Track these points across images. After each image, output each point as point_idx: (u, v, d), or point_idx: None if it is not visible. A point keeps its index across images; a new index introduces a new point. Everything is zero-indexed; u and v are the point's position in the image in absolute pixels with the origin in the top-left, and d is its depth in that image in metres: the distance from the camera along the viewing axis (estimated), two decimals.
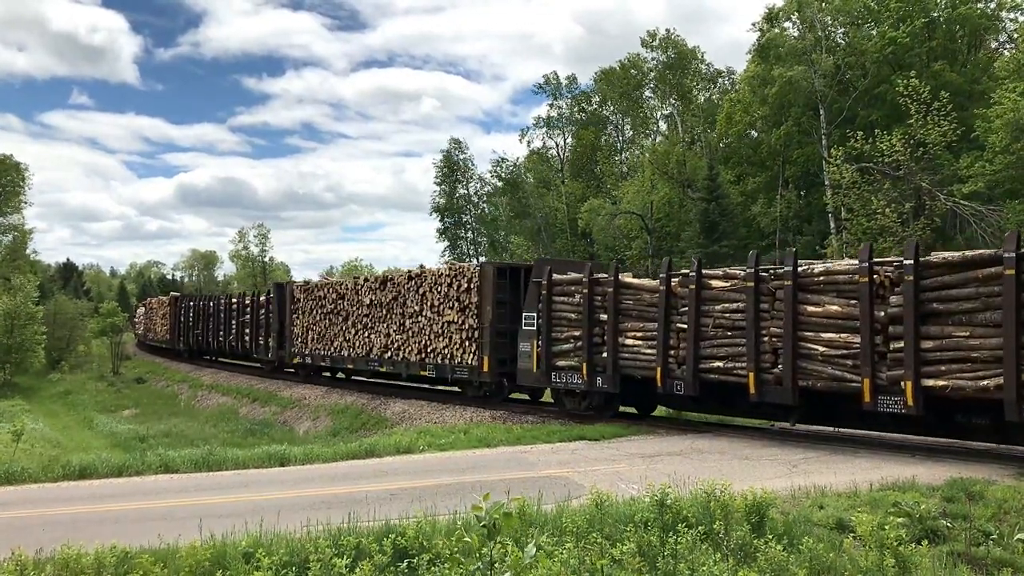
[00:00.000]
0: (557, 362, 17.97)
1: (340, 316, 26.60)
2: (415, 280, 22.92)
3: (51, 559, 6.80)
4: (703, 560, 6.52)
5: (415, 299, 22.72)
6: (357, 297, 25.64)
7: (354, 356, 25.82)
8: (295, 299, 29.46)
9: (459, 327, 20.85)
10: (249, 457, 13.44)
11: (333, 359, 27.25)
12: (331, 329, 27.05)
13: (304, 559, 6.72)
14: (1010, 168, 29.80)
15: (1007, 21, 39.87)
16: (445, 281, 21.55)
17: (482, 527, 3.46)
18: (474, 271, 20.68)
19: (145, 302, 63.23)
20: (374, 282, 24.97)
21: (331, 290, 27.25)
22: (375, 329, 24.62)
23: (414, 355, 22.73)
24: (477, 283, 20.40)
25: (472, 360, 20.56)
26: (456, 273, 21.31)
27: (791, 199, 42.91)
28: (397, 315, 23.54)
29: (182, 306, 46.91)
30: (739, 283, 14.78)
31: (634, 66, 57.26)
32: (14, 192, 58.00)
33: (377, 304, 24.54)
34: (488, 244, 71.61)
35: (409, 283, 23.10)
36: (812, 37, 40.72)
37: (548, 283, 18.19)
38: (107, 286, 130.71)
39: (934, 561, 7.00)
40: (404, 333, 23.17)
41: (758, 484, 8.88)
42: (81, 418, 34.17)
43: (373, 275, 24.61)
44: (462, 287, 20.87)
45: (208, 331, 41.59)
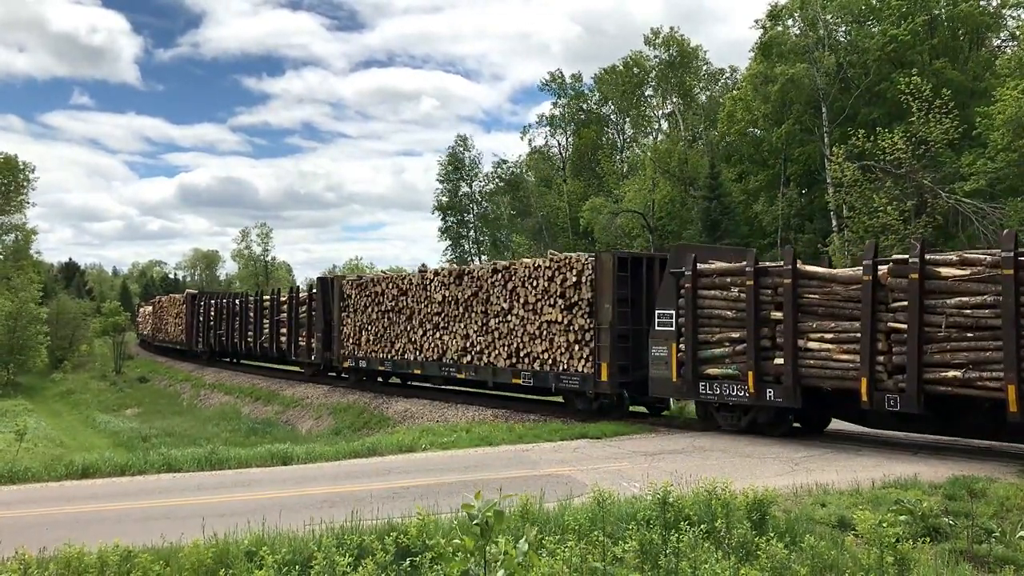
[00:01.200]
0: (706, 370, 15.20)
1: (403, 315, 23.50)
2: (502, 273, 19.96)
3: (54, 558, 6.81)
4: (705, 558, 6.52)
5: (502, 295, 19.83)
6: (425, 293, 22.56)
7: (423, 360, 22.62)
8: (345, 296, 26.27)
9: (564, 328, 18.08)
10: (252, 456, 13.46)
11: (395, 363, 23.87)
12: (392, 329, 23.96)
13: (307, 558, 6.73)
14: (1012, 166, 29.80)
15: (1009, 19, 39.88)
16: (543, 274, 18.71)
17: (475, 526, 3.44)
18: (586, 262, 17.77)
19: (154, 300, 59.61)
20: (447, 276, 21.86)
21: (391, 285, 24.17)
22: (449, 329, 21.54)
23: (503, 360, 19.73)
24: (591, 276, 17.48)
25: (584, 367, 17.59)
26: (560, 265, 18.33)
27: (793, 197, 42.88)
28: (479, 313, 20.59)
29: (201, 304, 43.12)
30: (984, 270, 11.94)
31: (636, 64, 57.26)
32: (17, 192, 58.01)
33: (452, 301, 21.47)
34: (490, 243, 71.62)
35: (494, 277, 20.15)
36: (814, 35, 40.69)
37: (693, 275, 15.46)
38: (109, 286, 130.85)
39: (936, 559, 7.01)
40: (488, 334, 20.24)
41: (760, 482, 8.88)
42: (83, 417, 34.25)
43: (447, 268, 21.79)
44: (568, 281, 18.01)
45: (233, 331, 37.99)
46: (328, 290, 27.69)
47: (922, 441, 14.06)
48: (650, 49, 55.47)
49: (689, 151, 51.63)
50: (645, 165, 53.93)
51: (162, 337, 52.66)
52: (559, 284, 18.29)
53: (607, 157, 60.92)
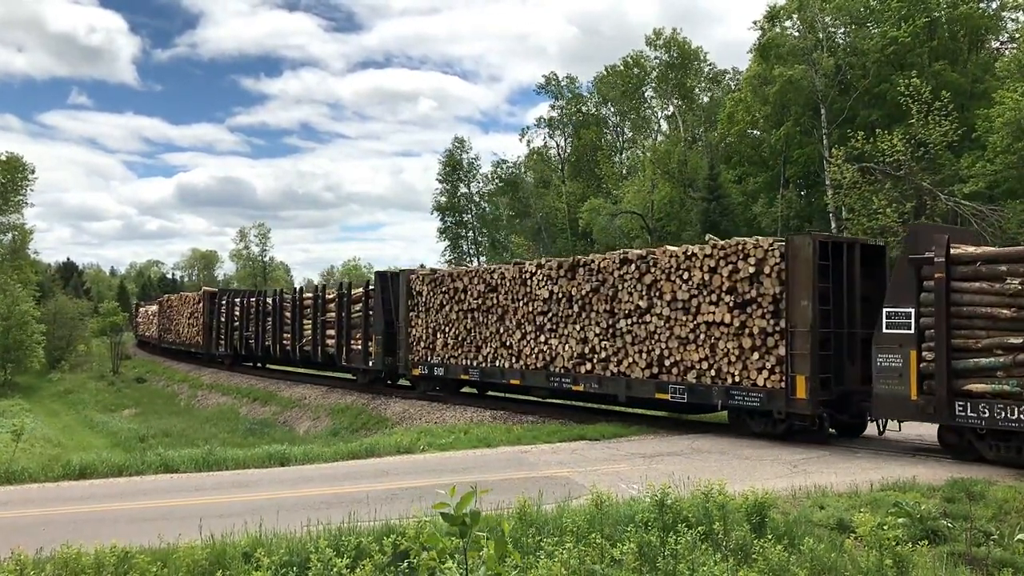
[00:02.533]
0: (966, 385, 12.10)
1: (492, 314, 20.26)
2: (636, 264, 16.68)
3: (51, 559, 6.79)
4: (703, 560, 6.51)
5: (636, 291, 16.59)
6: (525, 289, 19.31)
7: (521, 368, 19.37)
8: (414, 293, 23.10)
9: (734, 332, 14.78)
10: (249, 457, 13.45)
11: (483, 371, 20.63)
12: (478, 331, 20.72)
13: (304, 559, 6.72)
14: (1011, 168, 29.80)
15: (1008, 21, 39.92)
16: (701, 265, 15.40)
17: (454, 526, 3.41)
18: (769, 249, 14.34)
19: (161, 299, 54.61)
20: (556, 268, 18.51)
21: (476, 280, 20.96)
22: (560, 332, 18.32)
23: (639, 370, 16.48)
24: (777, 266, 14.15)
25: (767, 380, 14.25)
26: (728, 253, 14.95)
27: (792, 199, 42.88)
28: (602, 313, 17.32)
29: (223, 303, 39.01)
30: None
31: (636, 64, 57.30)
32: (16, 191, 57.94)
33: (563, 298, 18.30)
34: (489, 244, 71.63)
35: (624, 268, 16.92)
36: (813, 37, 40.70)
37: (946, 262, 12.31)
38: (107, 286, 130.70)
39: (935, 561, 7.00)
40: (617, 338, 16.98)
41: (759, 484, 8.87)
42: (81, 418, 34.21)
43: (555, 260, 18.77)
44: (741, 273, 14.67)
45: (264, 333, 34.05)
46: (389, 286, 24.50)
47: (920, 444, 14.05)
48: (651, 50, 55.53)
49: (689, 152, 51.64)
50: (644, 166, 53.95)
51: (172, 339, 49.01)
52: (725, 277, 14.92)
53: (606, 158, 60.95)
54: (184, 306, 46.28)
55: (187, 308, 45.36)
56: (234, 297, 38.57)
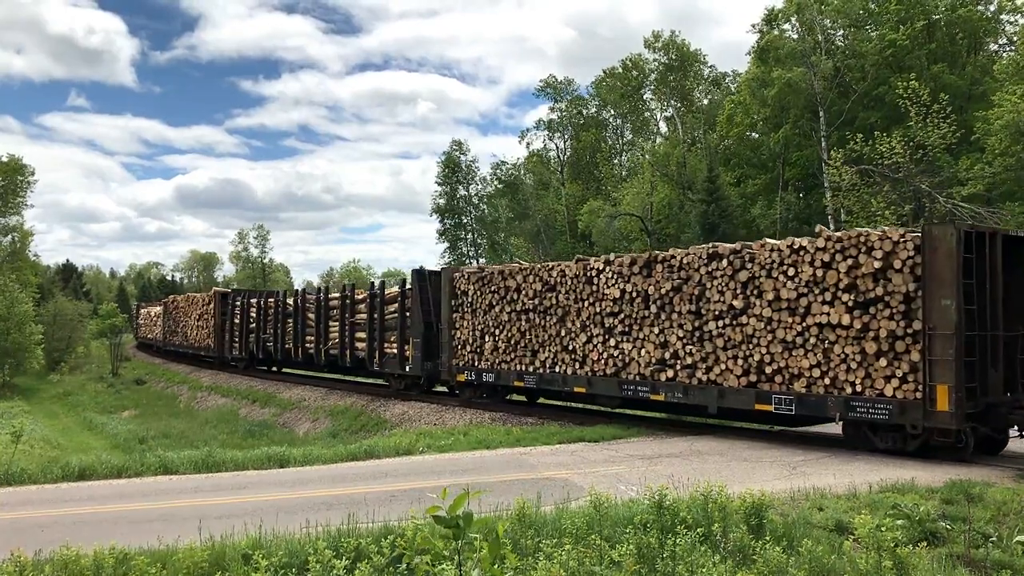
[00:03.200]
0: None
1: (551, 315, 18.56)
2: (729, 259, 15.06)
3: (50, 560, 6.80)
4: (702, 562, 6.52)
5: (729, 288, 14.95)
6: (591, 288, 17.66)
7: (588, 375, 17.65)
8: (458, 292, 21.41)
9: (855, 335, 13.11)
10: (248, 459, 13.45)
11: (541, 377, 18.79)
12: (533, 334, 19.02)
13: (303, 560, 6.73)
14: (1009, 170, 29.85)
15: (1007, 24, 39.98)
16: (813, 259, 13.75)
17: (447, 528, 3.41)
18: (900, 241, 12.80)
19: (166, 300, 52.40)
20: (629, 265, 16.87)
21: (532, 278, 19.17)
22: (634, 336, 16.70)
23: (734, 378, 14.83)
24: (911, 260, 12.60)
25: (899, 390, 12.65)
26: (846, 246, 13.32)
27: (791, 201, 42.94)
28: (685, 314, 15.71)
29: (236, 304, 37.04)
30: None
31: (635, 67, 57.36)
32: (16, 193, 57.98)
33: (637, 297, 16.67)
34: (488, 245, 71.67)
35: (713, 264, 15.33)
36: (811, 39, 40.76)
37: None
38: (106, 287, 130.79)
39: (933, 563, 7.01)
40: (706, 342, 15.35)
41: (757, 486, 8.88)
42: (80, 419, 34.19)
43: (626, 256, 17.21)
44: (864, 268, 13.09)
45: (284, 336, 32.01)
46: (428, 286, 22.89)
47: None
48: (650, 52, 55.59)
49: (688, 154, 51.69)
50: (644, 168, 54.01)
51: (179, 341, 46.74)
52: (843, 273, 13.29)
53: (605, 160, 61.02)
54: (192, 307, 44.23)
55: (195, 309, 43.33)
56: (249, 298, 36.46)
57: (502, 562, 3.52)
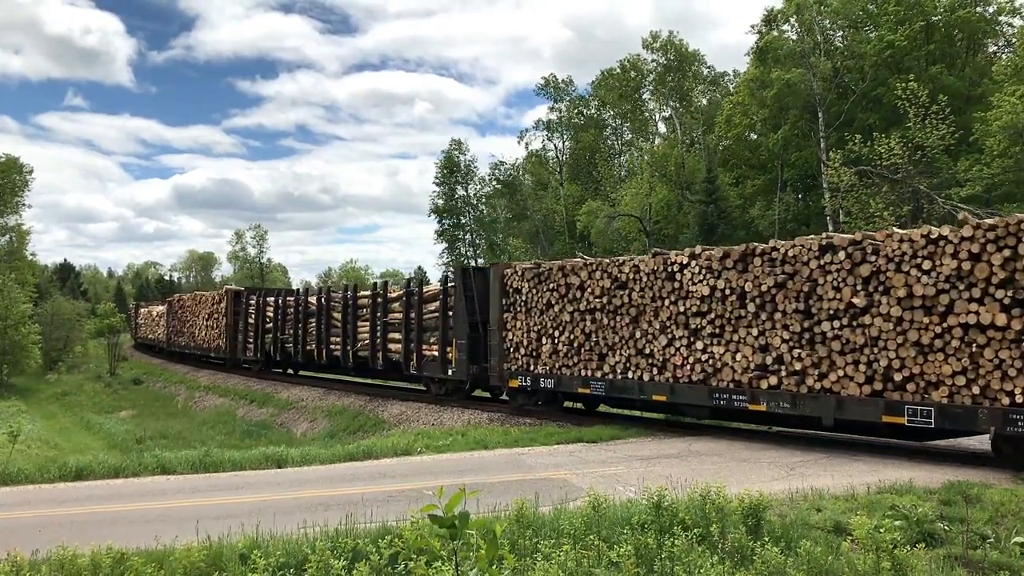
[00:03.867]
0: None
1: (623, 315, 16.89)
2: (847, 251, 13.28)
3: (47, 560, 6.78)
4: (700, 563, 6.51)
5: (847, 284, 13.24)
6: (672, 285, 15.93)
7: (668, 381, 15.97)
8: (510, 290, 19.68)
9: (1011, 338, 11.52)
10: (246, 459, 13.43)
11: (612, 384, 17.08)
12: (601, 336, 17.34)
13: (301, 561, 6.71)
14: (1008, 171, 29.89)
15: (1005, 25, 40.05)
16: (956, 251, 12.12)
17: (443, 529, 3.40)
18: None
19: (171, 299, 50.31)
20: (720, 259, 15.13)
21: (598, 274, 17.46)
22: (727, 338, 15.02)
23: (854, 386, 13.11)
24: None
25: None
26: (1000, 235, 11.73)
27: (789, 202, 43.00)
28: (792, 314, 13.98)
29: (251, 303, 35.06)
30: None
31: (634, 67, 57.39)
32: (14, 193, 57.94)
33: (731, 295, 14.94)
34: (486, 246, 71.70)
35: (826, 257, 13.57)
36: (811, 40, 40.80)
37: None
38: (104, 287, 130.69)
39: (931, 564, 7.01)
40: (817, 346, 13.63)
41: (755, 487, 8.88)
42: (78, 419, 34.14)
43: (715, 249, 15.49)
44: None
45: (307, 336, 30.00)
46: (473, 283, 21.22)
47: (917, 447, 14.07)
48: (648, 53, 55.63)
49: (686, 155, 51.72)
50: (642, 169, 54.05)
51: (184, 342, 44.67)
52: (997, 266, 11.66)
53: (604, 161, 61.07)
54: (200, 306, 41.98)
55: (204, 309, 41.12)
56: (266, 296, 34.27)
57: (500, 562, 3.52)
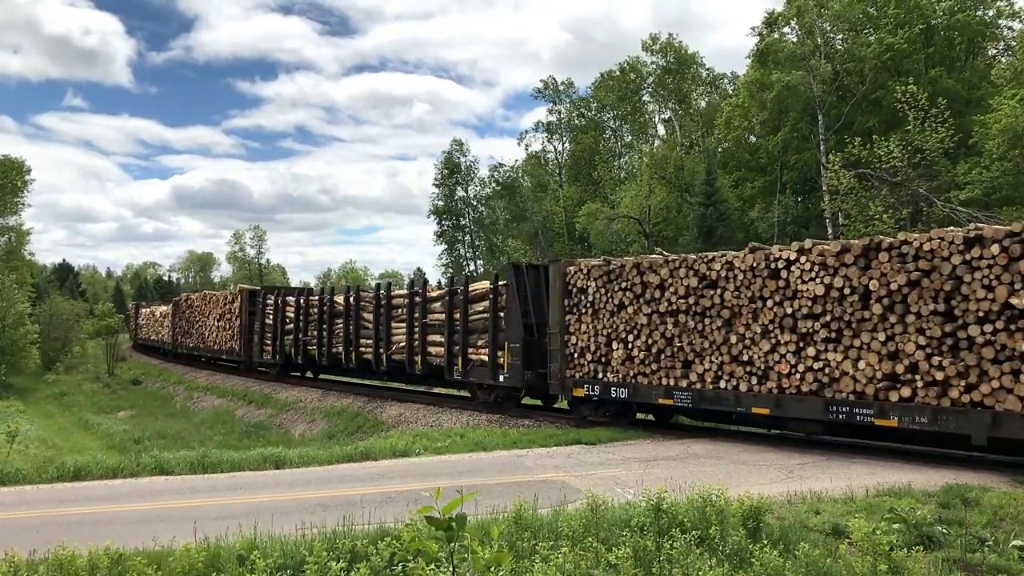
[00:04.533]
0: None
1: (713, 318, 15.28)
2: (1005, 244, 11.67)
3: (45, 560, 6.77)
4: (699, 565, 6.51)
5: (1002, 282, 11.66)
6: (776, 284, 14.33)
7: (772, 392, 14.30)
8: (573, 289, 18.14)
9: None
10: (244, 459, 13.42)
11: (701, 395, 15.46)
12: (685, 341, 15.74)
13: (299, 562, 6.70)
14: (1007, 174, 29.91)
15: (1005, 28, 40.09)
16: None
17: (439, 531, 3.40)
18: None
19: (176, 299, 48.43)
20: (837, 254, 13.54)
21: (685, 272, 15.84)
22: (845, 343, 13.37)
23: (1014, 399, 11.52)
24: None
25: None
26: None
27: (789, 204, 43.02)
28: (928, 316, 12.41)
29: (268, 303, 32.99)
30: None
31: (633, 70, 57.44)
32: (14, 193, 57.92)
33: (852, 294, 13.26)
34: (486, 247, 71.71)
35: (974, 251, 12.01)
36: (811, 43, 40.83)
37: None
38: (103, 287, 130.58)
39: (930, 567, 7.00)
40: (965, 352, 12.03)
41: (754, 489, 8.87)
42: (76, 419, 34.11)
43: (830, 244, 13.95)
44: None
45: (331, 338, 28.03)
46: (527, 281, 19.62)
47: (915, 450, 14.07)
48: (648, 55, 55.67)
49: (686, 157, 51.74)
50: (642, 171, 54.08)
51: (193, 344, 42.71)
52: None
53: (604, 162, 61.13)
54: (210, 306, 40.05)
55: (215, 309, 39.18)
56: (285, 296, 32.05)
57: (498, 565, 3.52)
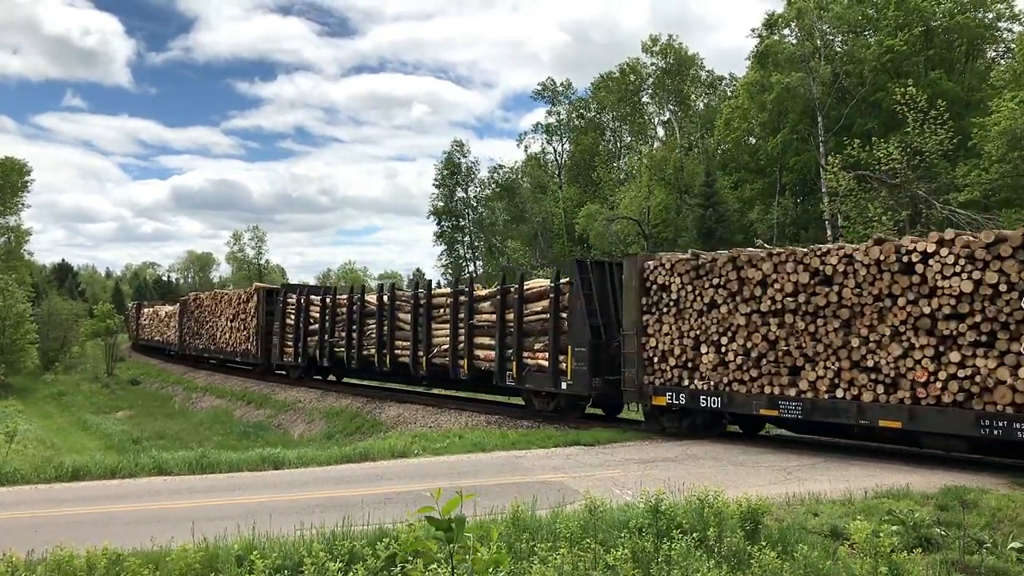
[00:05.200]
0: None
1: (827, 318, 13.65)
2: None
3: (43, 561, 6.76)
4: (697, 567, 6.50)
5: None
6: (908, 279, 12.73)
7: (904, 404, 12.67)
8: (651, 286, 16.58)
9: None
10: (243, 460, 13.40)
11: (813, 405, 13.73)
12: (793, 344, 14.11)
13: (297, 563, 6.69)
14: (1006, 176, 29.93)
15: (1005, 31, 40.12)
16: None
17: (439, 531, 3.40)
18: None
19: (184, 298, 46.66)
20: (988, 245, 11.97)
21: (792, 266, 14.15)
22: (999, 348, 11.79)
23: None
24: None
25: None
26: None
27: (788, 206, 43.05)
28: None
29: (290, 302, 30.98)
30: None
31: (633, 71, 57.48)
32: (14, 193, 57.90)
33: (1009, 291, 11.77)
34: (485, 248, 71.72)
35: None
36: (810, 45, 40.86)
37: None
38: (102, 287, 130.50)
39: (928, 569, 7.00)
40: None
41: (753, 491, 8.87)
42: (75, 419, 34.09)
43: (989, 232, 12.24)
44: None
45: (362, 340, 26.21)
46: (592, 279, 18.24)
47: (914, 452, 14.07)
48: (648, 56, 55.71)
49: (685, 159, 51.77)
50: (641, 172, 54.12)
51: (203, 345, 40.77)
52: None
53: (603, 164, 61.16)
54: (222, 306, 38.26)
55: (228, 308, 37.32)
56: (310, 294, 30.21)
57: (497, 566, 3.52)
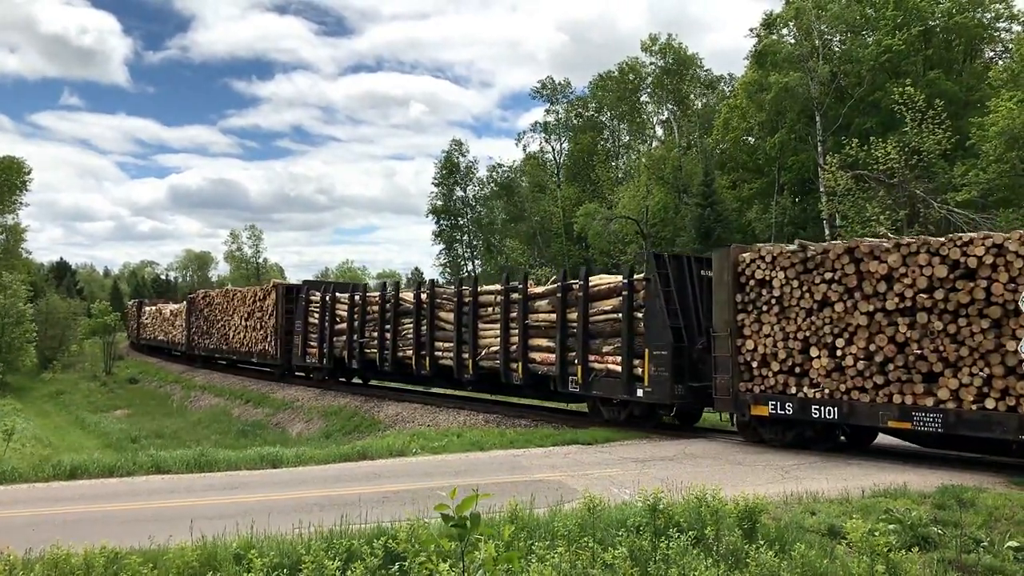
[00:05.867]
0: None
1: (969, 318, 11.98)
2: None
3: (40, 559, 6.76)
4: (695, 565, 6.52)
5: None
6: None
7: None
8: (748, 282, 14.98)
9: None
10: (241, 458, 13.41)
11: (957, 418, 12.01)
12: (927, 347, 12.37)
13: (295, 561, 6.70)
14: (1004, 176, 29.96)
15: (1003, 31, 40.13)
16: None
17: (452, 527, 3.41)
18: None
19: (192, 295, 45.13)
20: None
21: (926, 258, 12.45)
22: None
23: None
24: None
25: None
26: None
27: (786, 205, 43.04)
28: None
29: (312, 300, 29.23)
30: None
31: (632, 70, 57.47)
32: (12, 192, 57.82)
33: None
34: (484, 248, 71.69)
35: None
36: (809, 44, 40.86)
37: None
38: (100, 286, 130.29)
39: (925, 568, 7.02)
40: None
41: (750, 489, 8.88)
42: (73, 418, 34.09)
43: None
44: None
45: (396, 340, 24.26)
46: (670, 274, 16.65)
47: (911, 451, 14.09)
48: (647, 56, 55.70)
49: (683, 158, 51.78)
50: (640, 171, 54.13)
51: (214, 345, 39.39)
52: None
53: (602, 163, 61.14)
54: (235, 303, 36.65)
55: (242, 307, 35.63)
56: (336, 292, 28.43)
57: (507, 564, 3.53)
